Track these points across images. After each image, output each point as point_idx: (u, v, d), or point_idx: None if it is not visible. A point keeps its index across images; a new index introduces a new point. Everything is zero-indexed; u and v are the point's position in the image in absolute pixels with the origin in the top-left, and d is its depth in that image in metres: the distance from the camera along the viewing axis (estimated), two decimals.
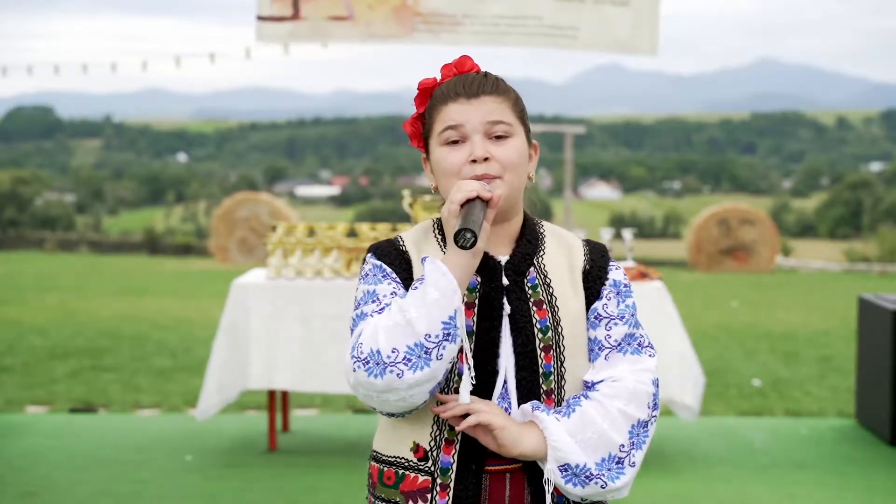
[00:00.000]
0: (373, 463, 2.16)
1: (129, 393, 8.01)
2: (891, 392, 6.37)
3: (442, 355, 1.96)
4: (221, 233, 25.73)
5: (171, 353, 9.97)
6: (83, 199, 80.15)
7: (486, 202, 2.03)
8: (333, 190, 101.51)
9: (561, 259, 2.17)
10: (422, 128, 2.20)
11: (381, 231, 6.07)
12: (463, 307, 2.00)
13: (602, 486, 2.05)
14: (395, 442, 2.12)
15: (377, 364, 1.95)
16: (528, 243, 2.16)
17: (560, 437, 2.04)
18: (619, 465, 2.07)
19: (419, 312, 1.95)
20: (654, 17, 6.68)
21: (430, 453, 2.08)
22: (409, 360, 1.95)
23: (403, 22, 6.54)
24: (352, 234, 6.18)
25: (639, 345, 2.17)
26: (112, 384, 8.36)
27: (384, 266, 2.12)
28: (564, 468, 2.04)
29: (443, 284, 1.97)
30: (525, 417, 2.08)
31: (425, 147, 2.20)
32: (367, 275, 2.12)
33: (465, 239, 1.96)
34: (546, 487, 2.06)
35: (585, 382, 2.13)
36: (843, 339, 11.11)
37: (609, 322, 2.15)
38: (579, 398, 2.10)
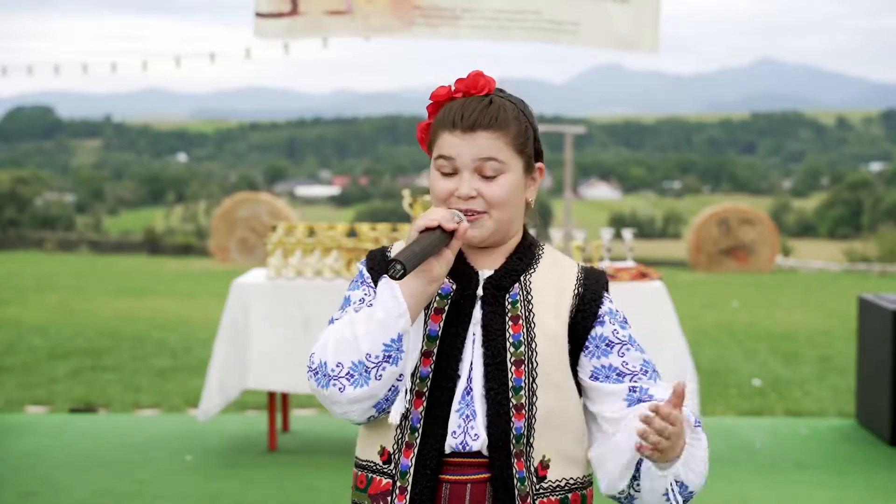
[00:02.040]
0: (354, 469, 2.20)
1: (129, 393, 8.01)
2: (891, 392, 6.36)
3: (381, 376, 2.00)
4: (221, 233, 25.73)
5: (171, 353, 9.97)
6: (83, 199, 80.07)
7: (452, 233, 2.04)
8: (333, 190, 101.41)
9: (551, 278, 2.17)
10: (429, 138, 2.21)
11: (382, 231, 6.07)
12: (410, 332, 2.02)
13: None
14: (367, 446, 2.15)
15: (324, 375, 2.02)
16: (520, 261, 2.17)
17: (700, 455, 2.05)
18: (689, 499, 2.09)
19: (365, 330, 2.00)
20: (654, 14, 6.68)
21: (392, 456, 2.11)
22: (352, 375, 2.01)
23: (402, 16, 6.54)
24: (352, 234, 6.17)
25: (655, 372, 2.17)
26: (112, 384, 8.36)
27: (364, 272, 2.17)
28: (679, 484, 2.04)
29: (391, 306, 2.00)
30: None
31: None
32: (353, 280, 2.19)
33: (393, 269, 1.95)
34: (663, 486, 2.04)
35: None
36: (843, 339, 11.11)
37: (622, 347, 2.14)
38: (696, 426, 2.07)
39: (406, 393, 2.07)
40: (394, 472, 2.10)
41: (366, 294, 2.12)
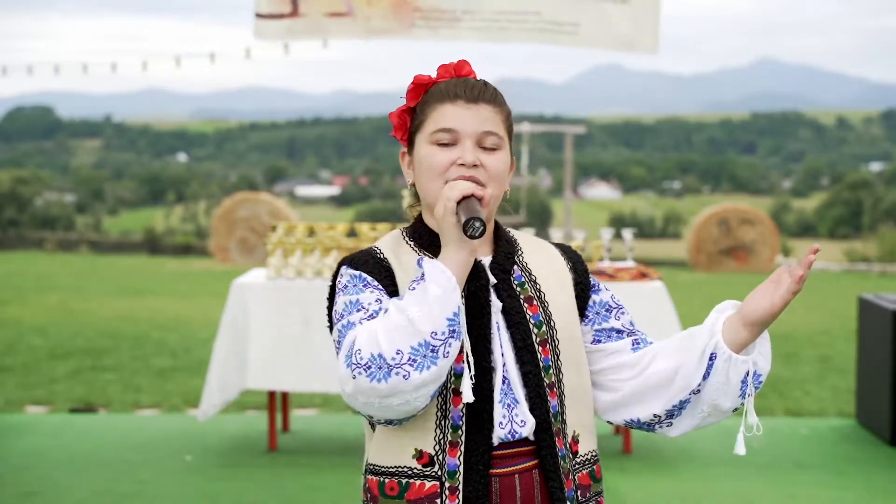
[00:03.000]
0: (370, 476, 2.12)
1: (129, 393, 8.01)
2: (891, 392, 6.37)
3: (448, 353, 1.95)
4: (221, 233, 25.73)
5: (171, 353, 9.97)
6: (83, 199, 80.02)
7: (479, 200, 2.04)
8: (333, 190, 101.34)
9: (540, 258, 2.22)
10: (409, 122, 2.20)
11: (381, 231, 6.07)
12: (463, 305, 2.01)
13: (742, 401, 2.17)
14: (395, 451, 2.08)
15: (380, 368, 1.92)
16: (507, 243, 2.19)
17: (768, 346, 2.18)
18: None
19: (422, 311, 1.94)
20: (654, 15, 6.68)
21: (435, 458, 2.06)
22: (415, 360, 1.93)
23: (402, 17, 6.54)
24: (352, 234, 6.17)
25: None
26: (112, 384, 8.36)
27: (363, 275, 2.09)
28: (755, 373, 2.15)
29: (443, 281, 1.97)
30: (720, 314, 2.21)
31: (409, 141, 2.19)
32: (346, 286, 2.09)
33: (474, 228, 1.97)
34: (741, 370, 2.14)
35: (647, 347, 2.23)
36: (843, 339, 11.11)
37: (618, 311, 2.25)
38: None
39: (470, 367, 2.03)
40: (439, 473, 2.05)
41: (379, 296, 2.05)
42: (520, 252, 2.20)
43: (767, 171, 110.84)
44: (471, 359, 2.04)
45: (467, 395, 2.02)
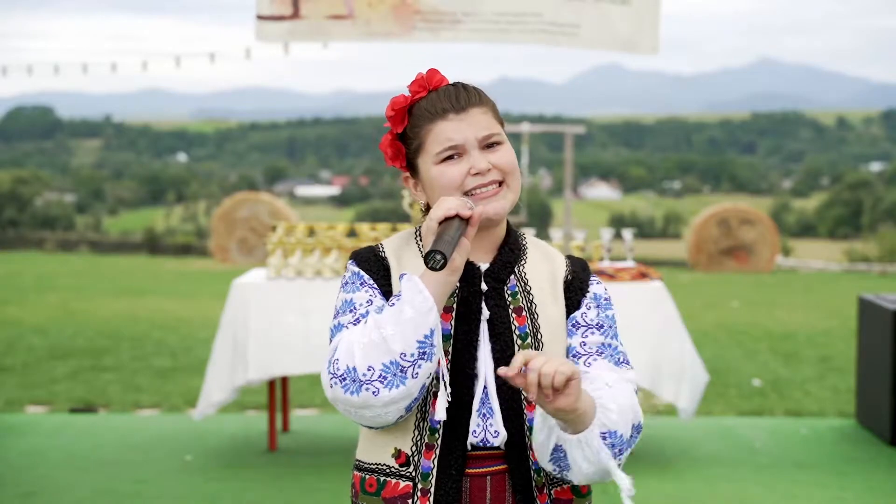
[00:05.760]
0: (355, 472, 2.17)
1: (129, 393, 8.02)
2: (891, 392, 6.37)
3: (417, 374, 1.98)
4: (221, 233, 25.73)
5: (171, 353, 9.97)
6: (83, 199, 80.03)
7: (466, 220, 2.03)
8: (333, 190, 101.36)
9: (542, 268, 2.19)
10: (403, 147, 2.19)
11: (382, 231, 6.07)
12: (440, 326, 2.01)
13: (619, 456, 2.01)
14: (377, 449, 2.13)
15: (353, 381, 1.98)
16: (511, 252, 2.17)
17: (610, 402, 2.01)
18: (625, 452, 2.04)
19: (395, 330, 1.97)
20: (654, 16, 6.68)
21: (411, 458, 2.09)
22: (385, 377, 1.97)
23: (403, 20, 6.54)
24: (352, 234, 6.18)
25: (618, 360, 2.15)
26: (112, 384, 8.36)
27: (362, 273, 2.13)
28: (606, 435, 1.99)
29: (418, 302, 1.98)
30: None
31: (409, 166, 2.19)
32: (346, 283, 2.14)
33: (434, 261, 1.96)
34: (583, 453, 1.99)
35: None
36: (843, 339, 11.11)
37: (586, 330, 2.16)
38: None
39: (445, 386, 2.04)
40: (413, 474, 2.08)
41: (371, 296, 2.09)
42: (523, 261, 2.18)
43: (767, 171, 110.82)
44: (446, 378, 2.05)
45: (440, 414, 2.04)
